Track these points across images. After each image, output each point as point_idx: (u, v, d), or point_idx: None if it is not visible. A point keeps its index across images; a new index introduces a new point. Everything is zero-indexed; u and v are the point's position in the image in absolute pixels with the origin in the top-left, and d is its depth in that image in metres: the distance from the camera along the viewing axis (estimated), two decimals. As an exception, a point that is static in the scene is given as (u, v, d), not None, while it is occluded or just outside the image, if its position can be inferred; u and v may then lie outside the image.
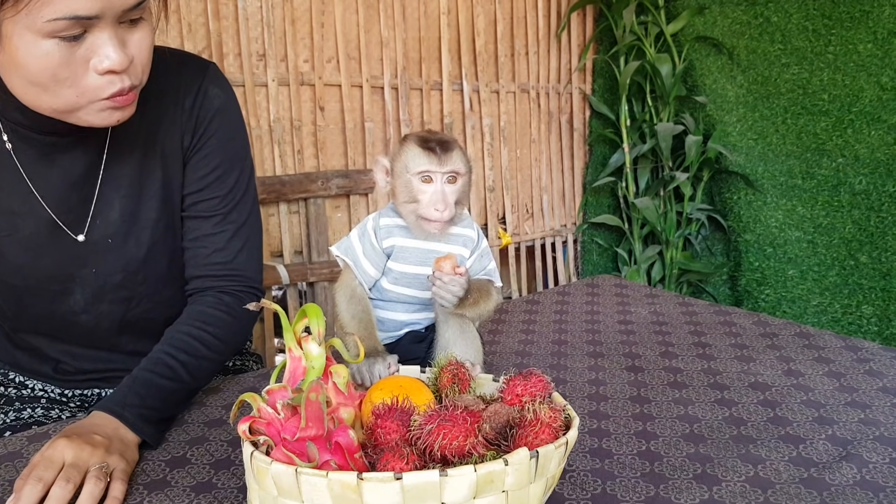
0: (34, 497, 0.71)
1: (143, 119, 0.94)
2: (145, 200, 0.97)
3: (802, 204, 2.59)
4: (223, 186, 1.00)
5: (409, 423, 0.64)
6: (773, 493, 0.77)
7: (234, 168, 1.02)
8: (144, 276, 1.00)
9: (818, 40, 2.56)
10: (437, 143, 0.92)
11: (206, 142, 0.99)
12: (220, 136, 1.00)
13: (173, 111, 0.97)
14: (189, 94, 0.98)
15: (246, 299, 1.01)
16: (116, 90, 0.80)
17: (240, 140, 1.04)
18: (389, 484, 0.57)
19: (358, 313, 0.97)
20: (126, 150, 0.95)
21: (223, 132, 1.00)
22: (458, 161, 0.92)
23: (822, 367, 1.11)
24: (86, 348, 1.06)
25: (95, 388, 1.10)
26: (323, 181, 2.26)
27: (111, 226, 0.96)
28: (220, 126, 1.00)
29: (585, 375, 1.08)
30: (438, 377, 0.79)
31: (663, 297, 1.48)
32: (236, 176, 1.02)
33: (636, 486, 0.78)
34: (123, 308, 1.02)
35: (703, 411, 0.96)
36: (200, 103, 0.98)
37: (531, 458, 0.61)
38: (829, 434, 0.90)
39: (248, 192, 1.04)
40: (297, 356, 0.69)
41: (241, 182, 1.03)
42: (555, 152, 3.04)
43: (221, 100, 1.00)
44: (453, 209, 0.92)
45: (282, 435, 0.62)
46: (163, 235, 0.99)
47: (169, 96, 0.97)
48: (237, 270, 1.02)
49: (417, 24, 2.50)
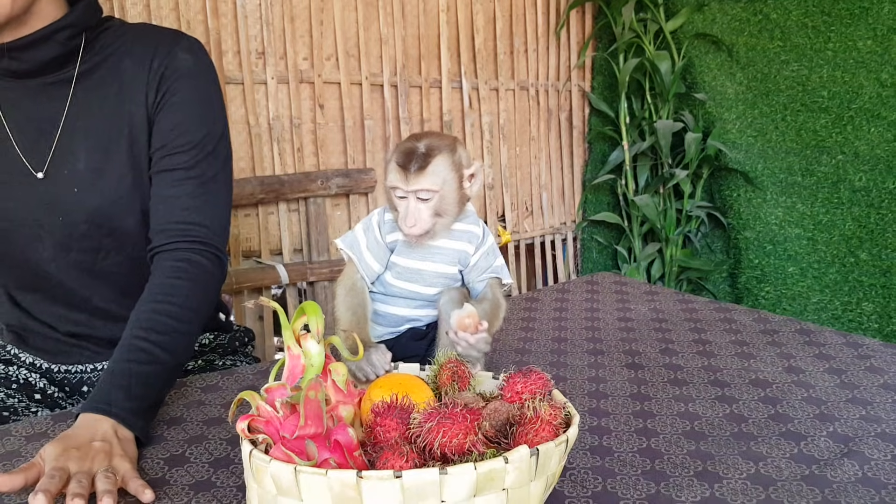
0: None
1: (112, 76, 1.01)
2: (112, 154, 1.01)
3: (802, 201, 2.58)
4: (186, 143, 1.01)
5: (409, 421, 0.64)
6: (774, 491, 0.77)
7: (200, 127, 1.03)
8: (110, 230, 1.02)
9: (817, 37, 2.55)
10: (415, 159, 0.90)
11: (169, 98, 1.01)
12: (184, 96, 1.02)
13: (142, 74, 1.01)
14: (158, 55, 1.02)
15: (204, 261, 1.00)
16: None
17: (207, 101, 1.05)
18: (389, 482, 0.56)
19: (353, 306, 0.97)
20: (94, 103, 1.01)
21: (188, 93, 1.02)
22: (431, 179, 0.90)
23: (822, 364, 1.10)
24: (63, 306, 1.08)
25: (79, 365, 1.12)
26: (323, 181, 2.25)
27: (77, 174, 1.00)
28: (186, 87, 1.02)
29: (585, 373, 1.08)
30: (438, 374, 0.79)
31: (663, 294, 1.48)
32: (202, 134, 1.02)
33: (637, 484, 0.78)
34: (91, 259, 1.04)
35: (704, 408, 0.96)
36: (167, 64, 1.01)
37: (531, 455, 0.61)
38: (830, 431, 0.89)
39: (215, 154, 1.04)
40: (296, 354, 0.69)
41: (207, 141, 1.03)
42: (554, 150, 3.04)
43: (190, 63, 1.03)
44: (427, 224, 0.92)
45: (281, 433, 0.62)
46: (129, 191, 1.01)
47: (141, 61, 1.02)
48: (198, 230, 1.01)
49: (417, 22, 2.50)
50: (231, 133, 2.08)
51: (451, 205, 0.94)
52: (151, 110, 1.01)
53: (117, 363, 0.88)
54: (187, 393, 1.00)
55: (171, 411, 0.95)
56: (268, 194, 2.15)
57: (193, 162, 1.01)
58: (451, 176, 0.92)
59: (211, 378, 1.05)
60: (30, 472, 0.73)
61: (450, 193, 0.93)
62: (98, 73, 1.02)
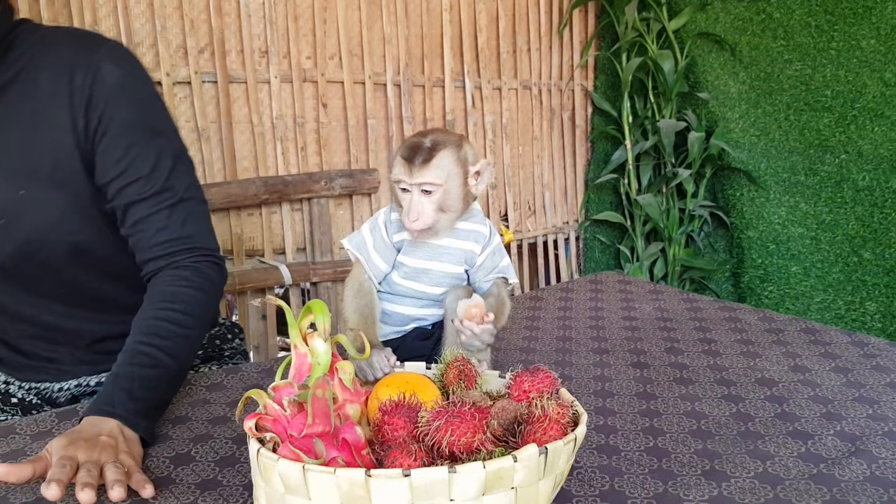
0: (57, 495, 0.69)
1: (28, 93, 0.90)
2: (34, 183, 0.92)
3: (805, 200, 2.58)
4: (144, 166, 0.94)
5: (417, 420, 0.64)
6: (782, 490, 0.76)
7: (151, 145, 0.95)
8: (40, 262, 0.96)
9: (821, 36, 2.55)
10: (420, 152, 0.90)
11: (108, 124, 0.92)
12: (124, 116, 0.93)
13: (63, 93, 0.91)
14: (78, 70, 0.91)
15: (204, 268, 0.97)
16: None
17: (150, 114, 0.98)
18: (398, 481, 0.56)
19: (361, 307, 0.97)
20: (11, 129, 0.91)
21: (126, 111, 0.94)
22: (434, 173, 0.90)
23: (828, 363, 1.10)
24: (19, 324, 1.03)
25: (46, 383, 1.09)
26: (326, 181, 2.25)
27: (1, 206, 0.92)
28: (122, 105, 0.93)
29: (591, 372, 1.08)
30: (444, 373, 0.79)
31: (667, 294, 1.47)
32: (156, 152, 0.96)
33: (644, 483, 0.78)
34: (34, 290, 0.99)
35: (710, 407, 0.96)
36: (91, 81, 0.91)
37: (540, 454, 0.61)
38: (837, 430, 0.89)
39: (176, 167, 0.98)
40: (303, 352, 0.69)
41: (164, 157, 0.96)
42: (557, 149, 3.03)
43: (117, 76, 0.93)
44: (430, 219, 0.92)
45: (288, 432, 0.62)
46: (57, 221, 0.94)
47: (60, 74, 0.91)
48: (187, 242, 0.97)
49: (420, 21, 2.49)
50: (234, 132, 2.11)
51: (455, 201, 0.93)
52: (82, 137, 0.92)
53: (120, 367, 0.87)
54: (192, 392, 1.00)
55: (177, 410, 0.94)
56: (271, 195, 2.15)
57: (159, 187, 0.95)
58: (456, 171, 0.92)
59: (216, 376, 1.05)
60: (38, 463, 0.73)
61: (454, 189, 0.92)
62: (12, 88, 0.91)
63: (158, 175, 0.95)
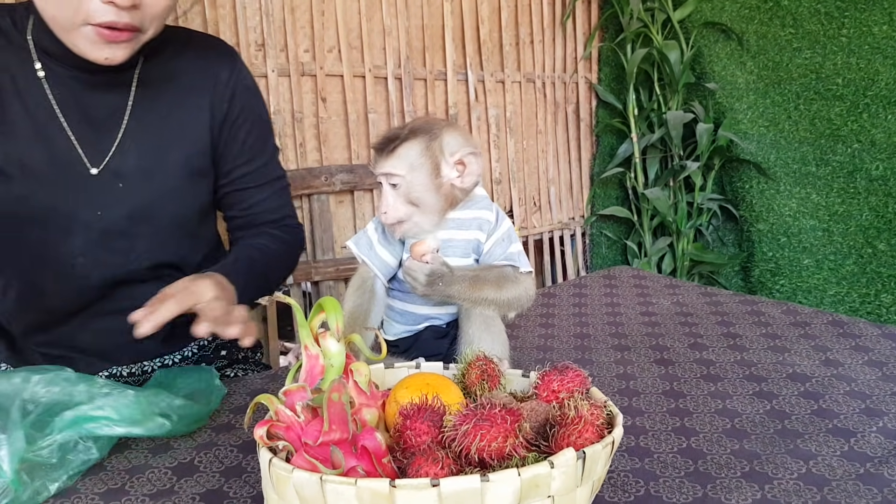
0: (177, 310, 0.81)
1: (175, 77, 1.02)
2: (162, 155, 1.01)
3: (817, 191, 2.53)
4: (264, 154, 1.11)
5: (442, 424, 0.59)
6: (829, 491, 0.71)
7: (269, 138, 1.14)
8: (146, 229, 1.01)
9: (831, 23, 2.49)
10: (389, 142, 0.87)
11: (246, 116, 1.08)
12: (254, 111, 1.10)
13: (207, 80, 1.04)
14: (224, 68, 1.06)
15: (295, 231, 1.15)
16: (109, 20, 0.83)
17: (268, 115, 1.17)
18: (426, 491, 0.51)
19: (354, 307, 0.93)
20: (154, 101, 1.01)
21: (259, 109, 1.11)
22: (394, 163, 0.87)
23: (861, 357, 1.05)
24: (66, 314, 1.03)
25: None
26: (327, 177, 2.20)
27: (125, 171, 0.99)
28: (255, 103, 1.11)
29: (613, 370, 1.03)
30: (466, 374, 0.73)
31: (684, 288, 1.42)
32: (272, 146, 1.14)
33: (682, 487, 0.73)
34: (120, 260, 1.01)
35: (743, 405, 0.91)
36: (237, 78, 1.07)
37: (578, 458, 0.55)
38: (880, 426, 0.84)
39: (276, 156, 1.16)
40: (314, 354, 0.64)
41: (275, 150, 1.16)
42: (561, 143, 2.98)
43: (252, 80, 1.12)
44: (399, 212, 0.88)
45: (303, 440, 0.56)
46: (171, 192, 1.02)
47: (204, 66, 1.05)
48: (288, 220, 1.15)
49: (420, 12, 2.44)
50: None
51: (423, 193, 0.88)
52: (218, 122, 1.05)
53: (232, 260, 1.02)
54: (195, 396, 0.95)
55: (179, 416, 0.89)
56: (271, 191, 2.09)
57: (273, 169, 1.13)
58: (421, 162, 0.87)
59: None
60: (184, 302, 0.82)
61: (419, 181, 0.87)
62: (157, 73, 1.01)
63: (273, 162, 1.13)
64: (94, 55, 0.87)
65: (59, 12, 0.84)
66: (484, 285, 0.89)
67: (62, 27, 0.86)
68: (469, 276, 0.88)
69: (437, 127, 0.88)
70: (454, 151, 0.88)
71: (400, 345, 0.97)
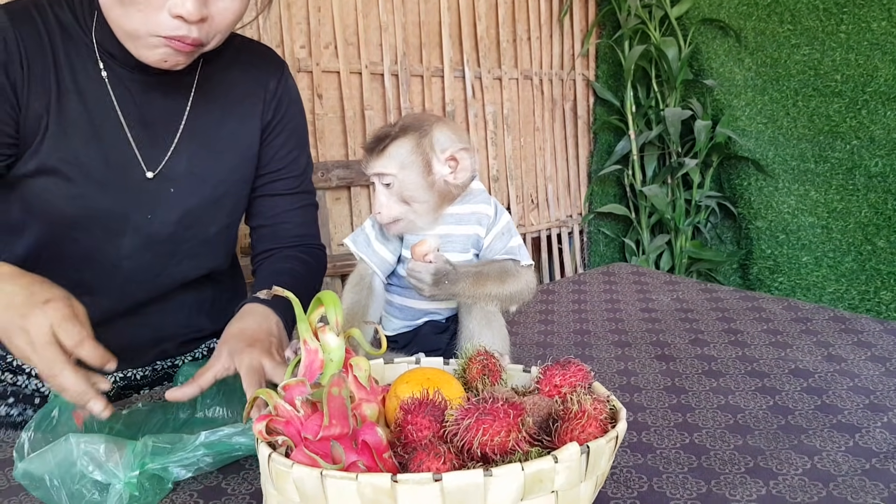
0: None
1: (229, 84, 1.02)
2: (214, 159, 1.01)
3: (816, 188, 2.52)
4: (298, 166, 1.10)
5: (443, 419, 0.58)
6: (835, 487, 0.70)
7: (305, 150, 1.13)
8: (193, 234, 1.02)
9: (829, 19, 2.49)
10: (379, 141, 0.86)
11: (286, 124, 1.08)
12: (295, 122, 1.10)
13: (258, 89, 1.05)
14: (273, 77, 1.07)
15: (318, 253, 1.13)
16: (178, 35, 0.82)
17: (307, 127, 1.16)
18: (428, 486, 0.50)
19: (352, 301, 0.92)
20: (209, 107, 1.01)
21: (300, 119, 1.12)
22: (384, 163, 0.85)
23: (863, 352, 1.04)
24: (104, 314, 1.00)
25: None
26: (323, 172, 2.19)
27: (177, 175, 0.99)
28: (297, 113, 1.11)
29: (614, 365, 1.02)
30: (467, 369, 0.72)
31: (684, 284, 1.42)
32: (306, 158, 1.13)
33: (685, 483, 0.72)
34: (164, 263, 1.02)
35: (745, 401, 0.90)
36: (284, 88, 1.07)
37: (582, 453, 0.54)
38: (884, 422, 0.83)
39: (309, 173, 1.16)
40: (314, 348, 0.63)
41: (309, 163, 1.14)
42: (559, 140, 2.97)
43: (296, 91, 1.12)
44: (394, 211, 0.87)
45: (302, 434, 0.55)
46: (220, 198, 1.03)
47: (256, 77, 1.05)
48: (311, 240, 1.14)
49: (417, 9, 2.43)
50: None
51: (416, 191, 0.86)
52: (265, 129, 1.06)
53: None
54: (191, 393, 0.94)
55: (175, 412, 0.88)
56: (268, 188, 2.08)
57: (304, 182, 1.12)
58: (412, 160, 0.85)
59: None
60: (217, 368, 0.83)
61: (411, 179, 0.86)
62: (214, 79, 1.02)
63: (305, 177, 1.12)
64: (158, 61, 0.86)
65: (126, 22, 0.83)
66: (487, 280, 0.88)
67: (128, 35, 0.85)
68: (472, 272, 0.87)
69: (428, 123, 0.87)
70: (445, 148, 0.87)
71: (399, 340, 0.96)
